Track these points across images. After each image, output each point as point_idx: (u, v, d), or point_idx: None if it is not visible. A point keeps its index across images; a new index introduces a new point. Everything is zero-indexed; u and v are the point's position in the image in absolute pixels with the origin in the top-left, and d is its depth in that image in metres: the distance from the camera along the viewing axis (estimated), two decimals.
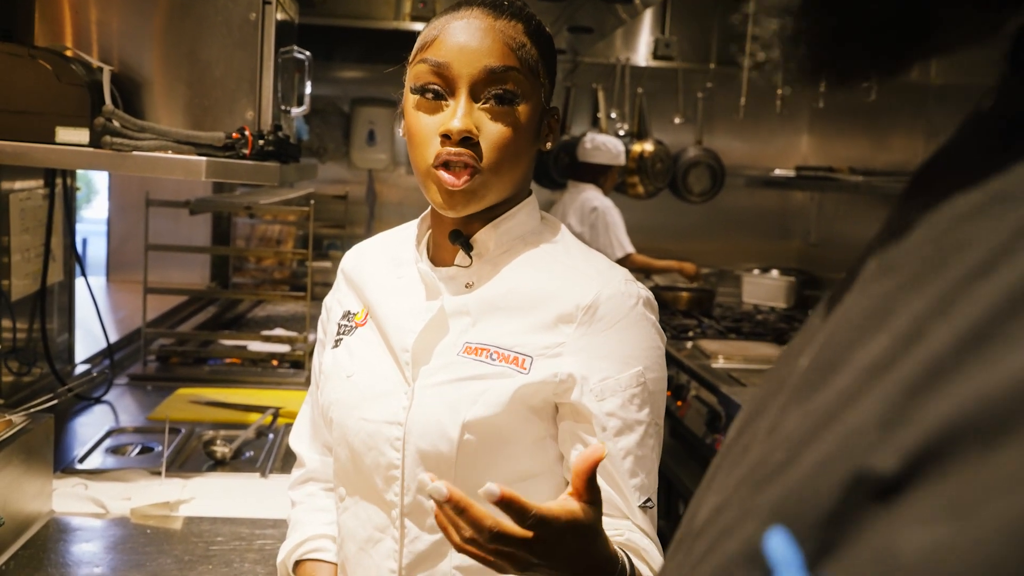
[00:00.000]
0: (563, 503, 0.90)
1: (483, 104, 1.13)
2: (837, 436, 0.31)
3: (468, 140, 1.12)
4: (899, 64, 0.41)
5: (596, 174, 4.59)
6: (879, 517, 0.27)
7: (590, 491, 0.90)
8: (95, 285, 4.27)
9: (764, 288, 4.87)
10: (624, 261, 4.45)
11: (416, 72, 1.15)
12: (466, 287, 1.20)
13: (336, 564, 1.28)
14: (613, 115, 5.17)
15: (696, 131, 5.20)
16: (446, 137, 1.12)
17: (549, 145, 1.23)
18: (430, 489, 0.86)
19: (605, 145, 4.58)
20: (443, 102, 1.14)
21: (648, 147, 5.13)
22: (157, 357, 2.89)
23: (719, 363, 3.44)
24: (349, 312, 1.30)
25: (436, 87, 1.14)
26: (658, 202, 5.20)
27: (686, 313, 4.33)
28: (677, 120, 5.16)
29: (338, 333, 1.29)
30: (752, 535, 0.33)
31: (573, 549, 0.90)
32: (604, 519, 0.95)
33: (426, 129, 1.14)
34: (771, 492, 0.33)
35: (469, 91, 1.13)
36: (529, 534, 0.86)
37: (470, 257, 1.21)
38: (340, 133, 4.96)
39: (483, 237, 1.21)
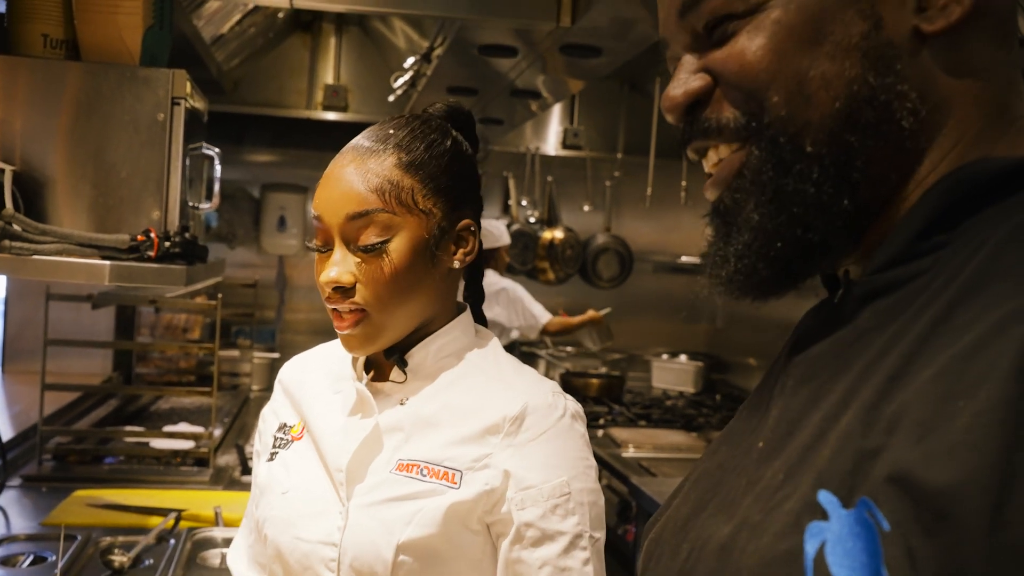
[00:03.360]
0: None
1: (354, 250, 1.16)
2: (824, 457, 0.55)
3: (340, 288, 1.15)
4: (791, 286, 0.67)
5: (487, 258, 4.64)
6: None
7: None
8: None
9: (673, 373, 4.95)
10: (545, 330, 4.50)
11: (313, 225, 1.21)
12: (400, 403, 1.22)
13: None
14: (524, 202, 5.25)
15: (605, 218, 5.32)
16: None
17: (468, 259, 1.23)
18: None
19: (486, 230, 4.63)
20: (329, 253, 1.17)
21: (558, 234, 5.21)
22: (54, 456, 2.78)
23: (630, 452, 3.46)
24: (285, 425, 1.30)
25: (321, 239, 1.18)
26: (569, 287, 5.27)
27: (596, 400, 4.36)
28: (586, 207, 5.27)
29: (274, 446, 1.29)
30: (806, 494, 0.54)
31: None
32: None
33: (320, 279, 1.18)
34: (803, 478, 0.55)
35: (341, 239, 1.16)
36: None
37: (405, 374, 1.23)
38: (250, 219, 4.92)
39: (418, 354, 1.23)
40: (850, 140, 0.61)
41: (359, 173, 1.16)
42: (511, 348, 4.57)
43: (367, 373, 1.29)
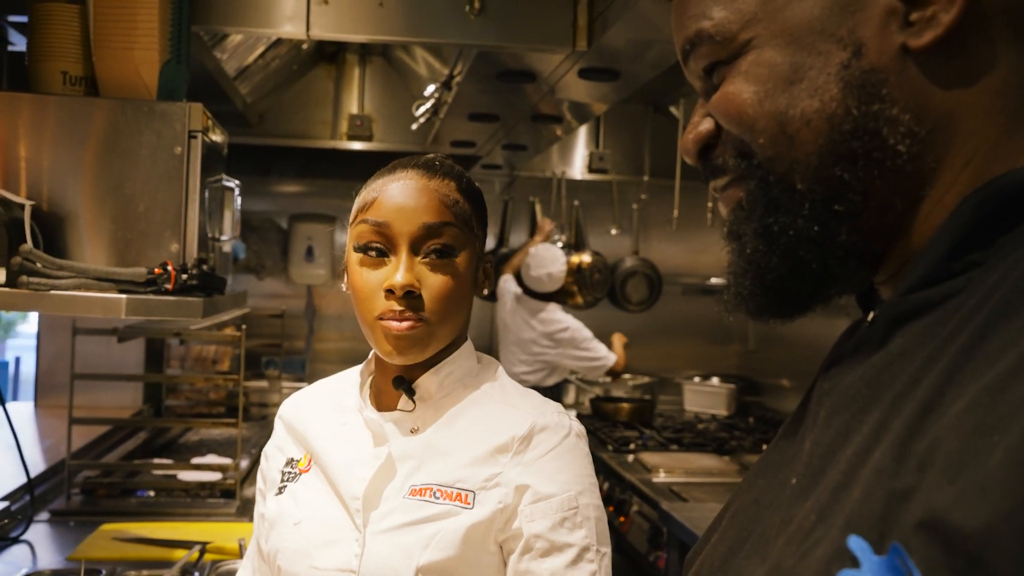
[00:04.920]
0: None
1: (423, 259, 1.20)
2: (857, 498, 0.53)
3: (411, 294, 1.17)
4: (803, 309, 0.67)
5: (553, 296, 4.68)
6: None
7: None
8: (24, 410, 4.17)
9: (705, 396, 4.90)
10: (612, 371, 4.52)
11: (359, 232, 1.22)
12: (411, 432, 1.24)
13: None
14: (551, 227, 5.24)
15: (632, 241, 5.29)
16: (390, 292, 1.17)
17: (485, 292, 1.30)
18: None
19: (551, 276, 4.64)
20: (385, 259, 1.20)
21: (586, 258, 5.20)
22: (82, 490, 2.79)
23: (660, 477, 3.42)
24: (292, 459, 1.32)
25: (378, 245, 1.20)
26: (597, 312, 5.24)
27: (627, 424, 4.32)
28: (613, 231, 5.25)
29: (281, 480, 1.30)
30: (837, 539, 0.52)
31: None
32: None
33: (370, 284, 1.20)
34: (834, 520, 0.53)
35: (409, 247, 1.19)
36: None
37: (413, 402, 1.24)
38: (278, 249, 4.96)
39: (425, 382, 1.25)
40: (840, 175, 0.60)
41: (430, 188, 1.21)
42: (562, 384, 4.63)
43: (374, 404, 1.30)
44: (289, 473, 1.30)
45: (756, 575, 0.60)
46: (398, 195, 1.20)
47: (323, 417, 1.32)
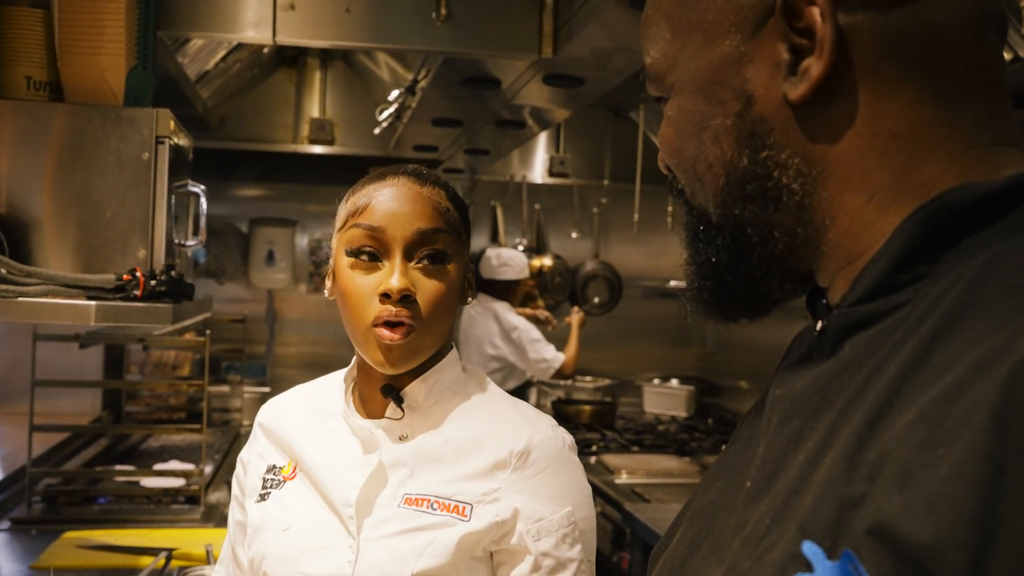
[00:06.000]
0: None
1: (416, 264, 1.21)
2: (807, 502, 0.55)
3: (407, 298, 1.18)
4: (752, 314, 0.72)
5: (506, 290, 4.65)
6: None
7: None
8: None
9: (665, 398, 4.95)
10: (561, 372, 4.51)
11: (350, 236, 1.21)
12: (400, 439, 1.24)
13: None
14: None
15: (593, 245, 5.33)
16: (385, 296, 1.17)
17: (469, 300, 1.31)
18: None
19: (512, 260, 4.65)
20: (378, 263, 1.20)
21: (547, 261, 5.23)
22: (43, 498, 2.76)
23: (623, 478, 3.46)
24: (275, 466, 1.31)
25: (371, 249, 1.20)
26: (558, 315, 5.27)
27: (588, 427, 4.36)
28: (574, 235, 5.28)
29: (264, 487, 1.30)
30: (791, 544, 0.54)
31: None
32: None
33: (363, 289, 1.19)
34: (787, 525, 0.56)
35: (403, 252, 1.20)
36: None
37: (402, 410, 1.25)
38: (238, 253, 4.93)
39: (413, 390, 1.25)
40: (740, 212, 0.66)
41: (423, 195, 1.23)
42: (525, 387, 4.61)
43: (357, 411, 1.30)
44: (272, 480, 1.29)
45: None
46: (391, 200, 1.21)
47: (306, 423, 1.31)
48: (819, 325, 0.66)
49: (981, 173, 0.60)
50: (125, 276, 1.78)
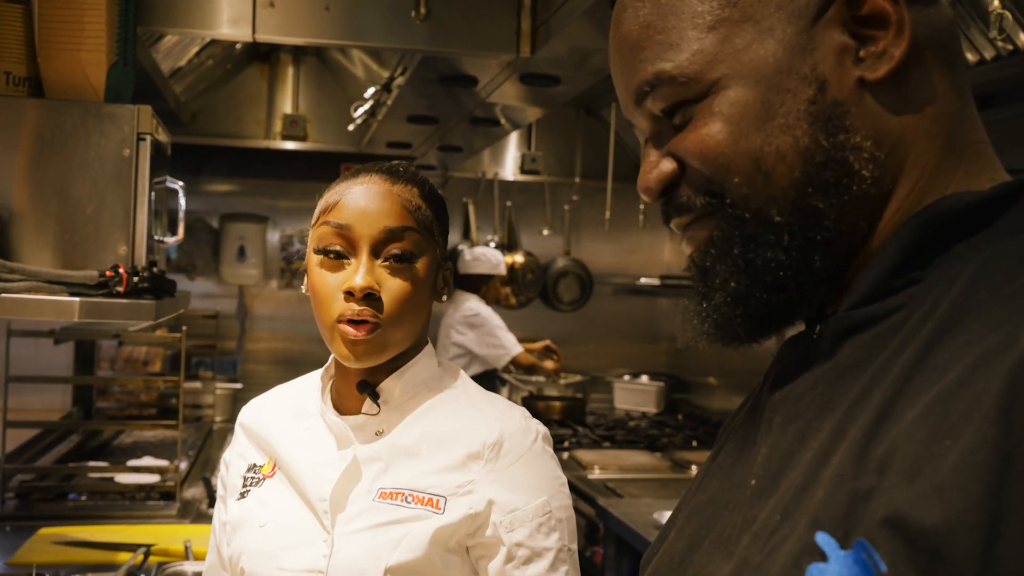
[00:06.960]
0: None
1: (383, 262, 1.21)
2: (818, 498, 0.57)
3: (370, 296, 1.19)
4: (770, 333, 0.71)
5: (478, 284, 4.68)
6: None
7: None
8: None
9: (635, 394, 5.00)
10: (515, 361, 4.53)
11: (320, 234, 1.23)
12: (376, 435, 1.26)
13: None
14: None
15: (564, 242, 5.37)
16: (349, 294, 1.18)
17: (445, 297, 1.32)
18: None
19: (484, 256, 4.68)
20: (345, 261, 1.21)
21: (519, 258, 5.26)
22: (16, 494, 2.75)
23: (595, 474, 3.49)
24: (255, 465, 1.33)
25: (338, 247, 1.21)
26: (530, 311, 5.31)
27: (560, 422, 4.39)
28: (545, 232, 5.31)
29: (244, 485, 1.31)
30: (804, 536, 0.56)
31: None
32: None
33: (329, 286, 1.21)
34: (799, 519, 0.57)
35: (370, 250, 1.21)
36: None
37: (378, 405, 1.26)
38: (209, 249, 4.90)
39: (389, 386, 1.27)
40: (816, 204, 0.65)
41: (393, 193, 1.23)
42: (487, 375, 4.62)
43: (335, 407, 1.31)
44: (252, 478, 1.31)
45: (721, 571, 0.64)
46: (360, 199, 1.22)
47: (285, 422, 1.33)
48: (818, 329, 0.69)
49: (981, 172, 0.66)
50: (108, 272, 1.78)
